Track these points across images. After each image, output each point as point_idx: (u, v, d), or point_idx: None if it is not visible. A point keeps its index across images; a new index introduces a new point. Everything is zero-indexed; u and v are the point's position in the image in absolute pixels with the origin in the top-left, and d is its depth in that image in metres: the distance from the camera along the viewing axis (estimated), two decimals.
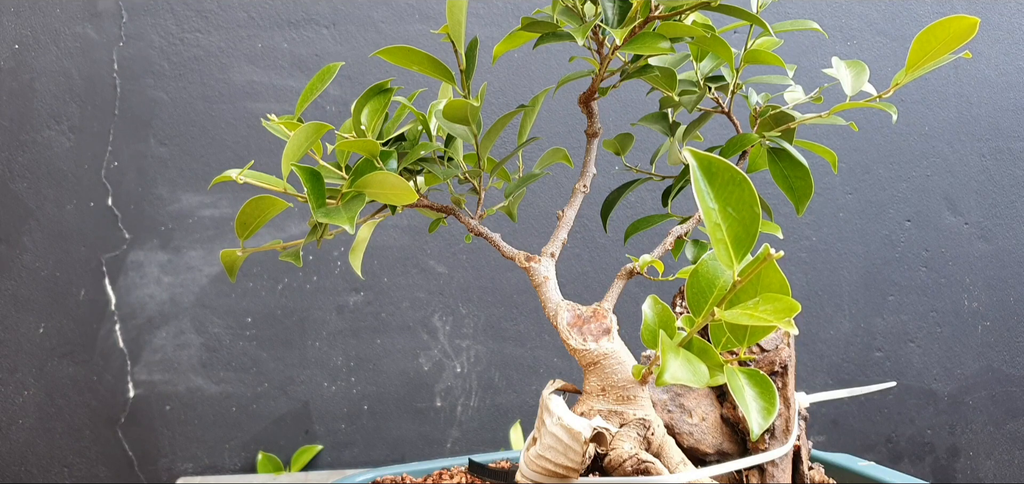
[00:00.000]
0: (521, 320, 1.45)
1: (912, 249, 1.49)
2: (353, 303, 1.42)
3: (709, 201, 0.38)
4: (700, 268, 0.43)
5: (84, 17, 1.37)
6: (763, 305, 0.39)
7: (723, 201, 0.38)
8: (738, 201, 0.38)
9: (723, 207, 0.38)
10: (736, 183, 0.38)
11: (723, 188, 0.38)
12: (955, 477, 1.50)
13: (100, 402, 1.38)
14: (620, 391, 0.54)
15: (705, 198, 0.38)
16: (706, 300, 0.43)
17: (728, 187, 0.38)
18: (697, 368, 0.43)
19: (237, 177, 0.53)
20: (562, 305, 0.57)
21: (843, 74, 0.59)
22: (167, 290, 1.39)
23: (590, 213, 1.33)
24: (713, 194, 0.38)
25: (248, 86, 1.40)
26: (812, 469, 0.62)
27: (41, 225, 1.37)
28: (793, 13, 1.46)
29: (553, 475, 0.52)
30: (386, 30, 1.42)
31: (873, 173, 1.49)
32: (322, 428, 1.42)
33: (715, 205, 0.38)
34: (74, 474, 1.38)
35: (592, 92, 0.61)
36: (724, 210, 0.38)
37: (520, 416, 1.44)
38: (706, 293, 0.43)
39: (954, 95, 1.50)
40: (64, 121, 1.37)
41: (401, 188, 0.53)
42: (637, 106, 1.42)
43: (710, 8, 0.53)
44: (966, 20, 0.50)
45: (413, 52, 0.55)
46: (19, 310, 1.37)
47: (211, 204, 1.39)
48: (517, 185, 0.68)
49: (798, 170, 0.58)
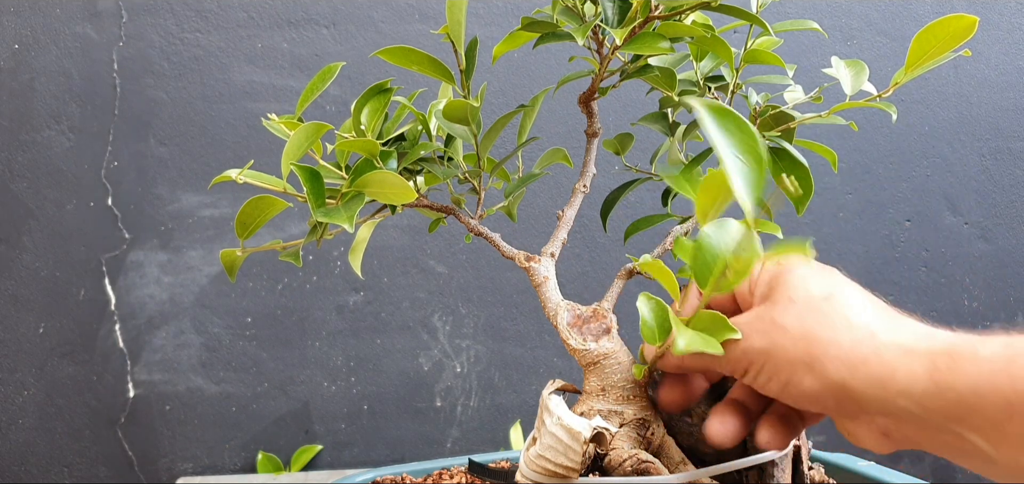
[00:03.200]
0: (521, 320, 1.45)
1: (912, 249, 1.49)
2: (353, 303, 1.42)
3: (721, 141, 0.39)
4: (703, 240, 0.43)
5: (84, 17, 1.37)
6: (776, 249, 0.40)
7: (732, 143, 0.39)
8: (743, 145, 0.39)
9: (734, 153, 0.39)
10: (740, 128, 0.39)
11: (730, 133, 0.40)
12: (955, 477, 1.50)
13: (100, 402, 1.38)
14: (620, 391, 0.54)
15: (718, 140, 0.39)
16: (711, 270, 0.43)
17: (734, 133, 0.39)
18: (709, 339, 0.45)
19: (237, 177, 0.53)
20: (562, 305, 0.57)
21: (843, 74, 0.59)
22: (167, 290, 1.39)
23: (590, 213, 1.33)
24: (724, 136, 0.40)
25: (248, 86, 1.40)
26: (812, 469, 0.62)
27: (41, 225, 1.37)
28: (793, 13, 1.46)
29: (553, 475, 0.52)
30: (386, 30, 1.42)
31: (873, 173, 1.49)
32: (322, 428, 1.42)
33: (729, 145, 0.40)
34: (74, 474, 1.38)
35: (592, 92, 0.61)
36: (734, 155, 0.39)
37: (520, 416, 1.44)
38: (711, 263, 0.43)
39: (954, 95, 1.50)
40: (64, 121, 1.37)
41: (401, 188, 0.53)
42: (637, 106, 1.42)
43: (710, 8, 0.53)
44: (965, 19, 0.50)
45: (413, 52, 0.55)
46: (19, 310, 1.37)
47: (211, 204, 1.39)
48: (517, 185, 0.68)
49: (798, 170, 0.58)
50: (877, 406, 0.41)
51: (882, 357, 0.41)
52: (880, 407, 0.41)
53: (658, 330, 0.51)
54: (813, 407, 0.44)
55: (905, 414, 0.41)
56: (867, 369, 0.41)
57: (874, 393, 0.41)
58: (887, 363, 0.41)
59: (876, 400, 0.41)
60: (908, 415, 0.40)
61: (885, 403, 0.41)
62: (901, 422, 0.41)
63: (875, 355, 0.41)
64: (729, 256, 0.42)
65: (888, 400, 0.41)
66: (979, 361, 0.38)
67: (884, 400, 0.41)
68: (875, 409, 0.42)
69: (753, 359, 0.45)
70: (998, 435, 0.38)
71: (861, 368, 0.41)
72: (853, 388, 0.42)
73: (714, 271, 0.43)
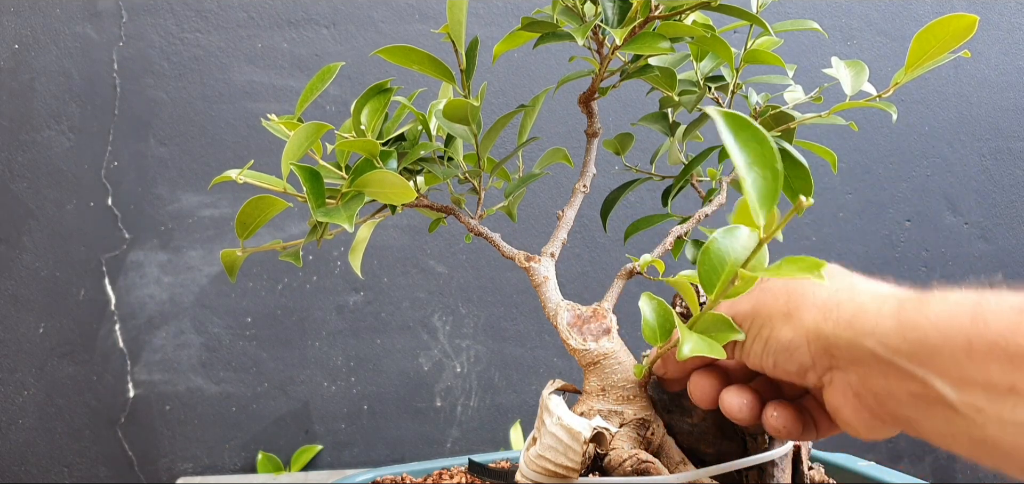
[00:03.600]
0: (521, 320, 1.45)
1: (912, 249, 1.49)
2: (353, 303, 1.42)
3: (737, 153, 0.39)
4: (711, 245, 0.43)
5: (84, 17, 1.37)
6: (787, 265, 0.40)
7: (747, 156, 0.39)
8: (760, 158, 0.39)
9: (748, 164, 0.39)
10: (758, 140, 0.39)
11: (747, 144, 0.40)
12: (955, 477, 1.50)
13: (100, 402, 1.38)
14: (620, 391, 0.54)
15: (734, 150, 0.39)
16: (719, 275, 0.43)
17: (750, 144, 0.39)
18: (712, 343, 0.45)
19: (237, 177, 0.53)
20: (562, 305, 0.57)
21: (843, 74, 0.59)
22: (167, 290, 1.39)
23: (590, 213, 1.33)
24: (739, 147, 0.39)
25: (248, 86, 1.40)
26: (812, 469, 0.62)
27: (41, 225, 1.37)
28: (793, 13, 1.46)
29: (553, 475, 0.52)
30: (386, 30, 1.42)
31: (873, 173, 1.49)
32: (322, 428, 1.42)
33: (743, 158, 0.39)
34: (74, 474, 1.38)
35: (592, 92, 0.61)
36: (749, 167, 0.39)
37: (520, 416, 1.44)
38: (718, 269, 0.43)
39: (954, 95, 1.50)
40: (64, 121, 1.37)
41: (401, 187, 0.53)
42: (637, 106, 1.42)
43: (710, 8, 0.53)
44: (965, 18, 0.50)
45: (413, 52, 0.55)
46: (19, 310, 1.37)
47: (211, 204, 1.39)
48: (517, 185, 0.68)
49: (798, 170, 0.58)
50: (846, 352, 0.42)
51: (855, 299, 0.42)
52: (849, 353, 0.42)
53: (660, 330, 0.51)
54: (790, 364, 0.45)
55: (869, 358, 0.41)
56: (839, 312, 0.42)
57: (844, 336, 0.42)
58: (859, 304, 0.42)
59: (845, 344, 0.42)
60: (875, 361, 0.41)
61: (853, 346, 0.41)
62: (868, 372, 0.41)
63: (850, 299, 0.42)
64: (738, 265, 0.42)
65: (856, 342, 0.41)
66: (946, 303, 0.39)
67: (852, 343, 0.41)
68: (844, 357, 0.42)
69: (740, 323, 0.47)
70: (959, 376, 0.37)
71: (834, 312, 0.42)
72: (825, 333, 0.43)
73: (722, 277, 0.43)
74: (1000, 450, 0.37)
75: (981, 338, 0.36)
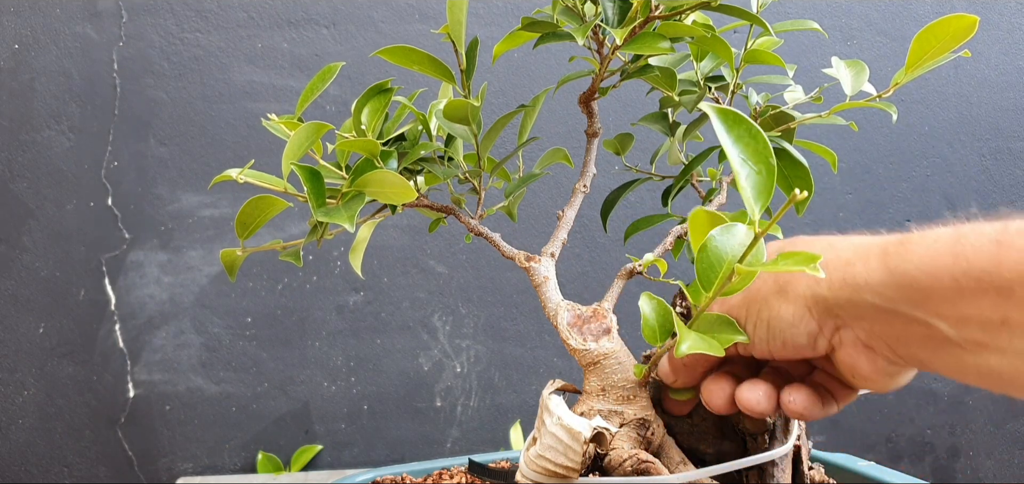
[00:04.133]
0: (521, 320, 1.45)
1: None
2: (353, 303, 1.42)
3: (732, 148, 0.40)
4: (708, 242, 0.43)
5: (84, 17, 1.37)
6: (783, 259, 0.40)
7: (741, 151, 0.40)
8: (754, 153, 0.39)
9: (743, 159, 0.40)
10: (751, 135, 0.40)
11: (740, 139, 0.40)
12: (955, 477, 1.50)
13: (100, 402, 1.38)
14: (620, 391, 0.54)
15: (728, 145, 0.40)
16: (717, 272, 0.43)
17: (744, 139, 0.40)
18: (711, 341, 0.45)
19: (237, 177, 0.53)
20: (562, 305, 0.57)
21: (843, 74, 0.59)
22: (167, 290, 1.39)
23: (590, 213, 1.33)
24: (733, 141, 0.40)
25: (248, 86, 1.40)
26: (812, 469, 0.62)
27: (41, 225, 1.37)
28: (793, 13, 1.46)
29: (553, 475, 0.52)
30: (386, 30, 1.42)
31: (873, 173, 1.49)
32: (322, 428, 1.42)
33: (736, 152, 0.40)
34: (74, 474, 1.38)
35: (592, 92, 0.61)
36: (743, 162, 0.40)
37: (520, 416, 1.44)
38: (716, 266, 0.44)
39: (954, 95, 1.50)
40: (64, 121, 1.37)
41: (401, 187, 0.53)
42: (637, 106, 1.42)
43: (710, 8, 0.53)
44: (965, 19, 0.50)
45: (413, 52, 0.55)
46: (19, 310, 1.37)
47: (211, 204, 1.39)
48: (517, 185, 0.68)
49: (798, 170, 0.58)
50: (849, 309, 0.43)
51: (839, 255, 0.43)
52: (851, 309, 0.42)
53: (660, 330, 0.51)
54: (799, 336, 0.45)
55: (872, 311, 0.41)
56: (829, 273, 0.43)
57: (843, 294, 0.42)
58: (845, 260, 0.42)
59: (846, 302, 0.42)
60: (875, 312, 0.41)
61: (853, 303, 0.42)
62: (874, 323, 0.42)
63: (834, 257, 0.43)
64: (735, 261, 0.42)
65: (855, 298, 0.42)
66: (927, 243, 0.39)
67: (851, 300, 0.42)
68: (848, 314, 0.43)
69: (735, 316, 0.47)
70: (955, 315, 0.39)
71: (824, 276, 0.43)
72: (823, 296, 0.43)
73: (720, 275, 0.43)
74: (1004, 378, 0.39)
75: (966, 275, 0.38)
